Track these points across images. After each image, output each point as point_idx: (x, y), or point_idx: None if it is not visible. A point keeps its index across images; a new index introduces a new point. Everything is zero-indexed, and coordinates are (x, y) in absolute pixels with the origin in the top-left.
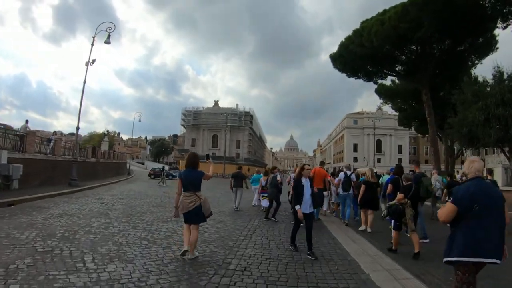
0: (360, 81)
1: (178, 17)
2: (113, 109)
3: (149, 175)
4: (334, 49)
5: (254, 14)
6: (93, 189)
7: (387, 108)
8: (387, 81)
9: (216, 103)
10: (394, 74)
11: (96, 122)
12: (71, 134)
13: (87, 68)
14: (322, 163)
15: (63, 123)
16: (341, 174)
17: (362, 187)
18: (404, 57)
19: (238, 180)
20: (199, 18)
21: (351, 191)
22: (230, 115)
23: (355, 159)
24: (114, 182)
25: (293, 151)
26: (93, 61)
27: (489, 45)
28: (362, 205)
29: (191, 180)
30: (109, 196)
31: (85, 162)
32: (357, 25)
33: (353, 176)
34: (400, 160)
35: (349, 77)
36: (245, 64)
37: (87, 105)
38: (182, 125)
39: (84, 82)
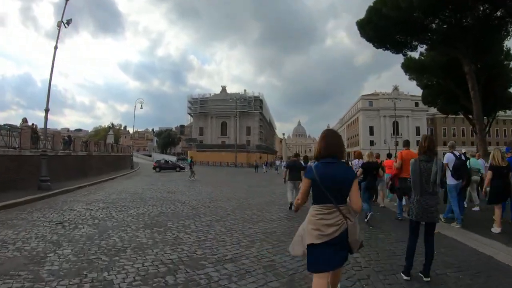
0: (365, 64)
1: (181, 6)
2: (119, 103)
3: (154, 168)
4: (340, 33)
5: (257, 0)
6: (71, 192)
7: (403, 88)
8: (415, 55)
9: (224, 89)
10: (429, 42)
11: (103, 117)
12: (78, 130)
13: (59, 30)
14: (408, 143)
15: (70, 120)
16: (449, 156)
17: (489, 173)
18: (442, 23)
19: (295, 172)
20: (203, 6)
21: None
22: (238, 101)
23: (372, 143)
24: (110, 179)
25: (301, 137)
26: (68, 21)
27: None
28: (494, 199)
29: (339, 184)
30: (84, 205)
31: (70, 157)
32: (362, 8)
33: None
34: (417, 142)
35: (377, 48)
36: (250, 51)
37: (93, 100)
38: (189, 114)
39: (55, 47)
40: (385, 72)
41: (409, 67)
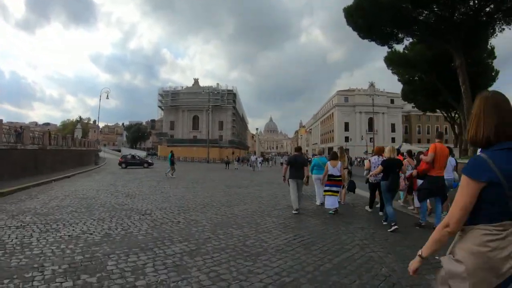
0: (339, 62)
1: None
2: (90, 96)
3: (120, 164)
4: (315, 31)
5: None
6: (5, 196)
7: (377, 86)
8: (399, 48)
9: (196, 81)
10: (418, 34)
11: (73, 110)
12: (46, 124)
13: None
14: (441, 135)
15: (39, 113)
16: None
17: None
18: (433, 15)
19: (298, 168)
20: None
21: None
22: (211, 94)
23: (347, 139)
24: (65, 177)
25: (273, 133)
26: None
27: None
28: None
29: None
30: (4, 218)
31: (16, 151)
32: (337, 6)
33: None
34: (393, 139)
35: (363, 38)
36: (225, 46)
37: (62, 93)
38: (160, 107)
39: None
40: (358, 70)
41: (393, 61)
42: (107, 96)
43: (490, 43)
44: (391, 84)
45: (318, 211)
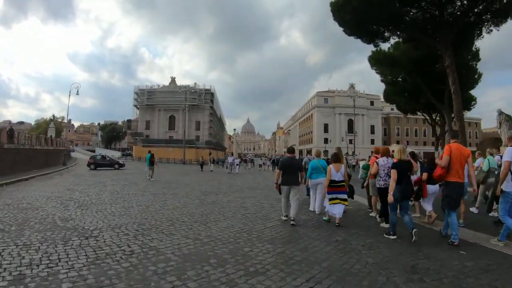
0: (317, 64)
1: None
2: (66, 95)
3: (88, 165)
4: (294, 33)
5: None
6: None
7: (359, 87)
8: (384, 47)
9: (173, 80)
10: (407, 32)
11: (49, 109)
12: (20, 123)
13: None
14: (457, 135)
15: (13, 111)
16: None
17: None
18: (424, 13)
19: (293, 172)
20: None
21: None
22: (188, 93)
23: (326, 140)
24: (17, 180)
25: (250, 135)
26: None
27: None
28: None
29: None
30: None
31: None
32: (318, 9)
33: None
34: (373, 141)
35: (349, 35)
36: (204, 46)
37: (39, 91)
38: (135, 106)
39: None
40: (336, 73)
41: (378, 60)
42: (77, 91)
43: (475, 45)
44: (369, 86)
45: (320, 224)
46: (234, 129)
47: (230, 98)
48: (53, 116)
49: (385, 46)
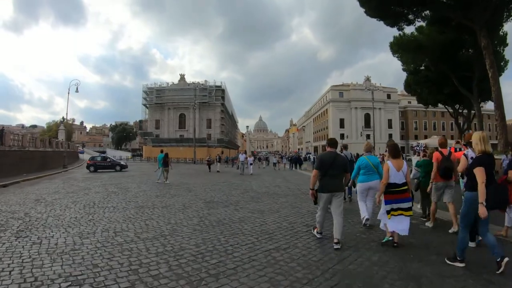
0: (329, 61)
1: None
2: (79, 98)
3: (88, 167)
4: (304, 30)
5: None
6: None
7: (374, 79)
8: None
9: (182, 77)
10: (434, 11)
11: (62, 112)
12: (33, 127)
13: None
14: None
15: (27, 116)
16: None
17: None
18: None
19: (336, 174)
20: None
21: None
22: (198, 91)
23: (342, 136)
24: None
25: (263, 132)
26: None
27: None
28: None
29: None
30: None
31: None
32: (328, 6)
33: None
34: (390, 136)
35: (371, 16)
36: (214, 46)
37: (52, 95)
38: (144, 105)
39: None
40: (348, 69)
41: (401, 45)
42: (77, 89)
43: (503, 29)
44: (383, 81)
45: (375, 246)
46: (247, 126)
47: (241, 98)
48: (63, 118)
49: (408, 31)
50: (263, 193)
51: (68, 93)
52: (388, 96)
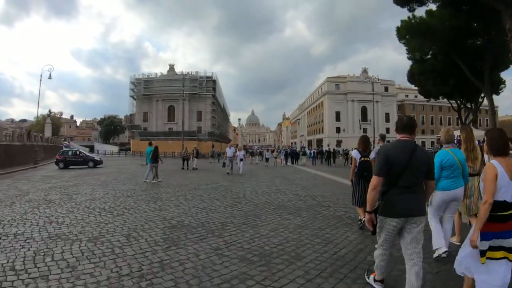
0: (322, 55)
1: None
2: (70, 92)
3: (57, 163)
4: (299, 24)
5: None
6: None
7: (372, 72)
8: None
9: (172, 67)
10: None
11: (54, 106)
12: (23, 121)
13: None
14: None
15: (18, 110)
16: None
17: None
18: None
19: (415, 184)
20: None
21: None
22: (189, 81)
23: (338, 129)
24: None
25: (255, 126)
26: None
27: None
28: None
29: None
30: None
31: None
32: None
33: None
34: (387, 130)
35: None
36: (208, 39)
37: (43, 89)
38: (132, 96)
39: None
40: (341, 64)
41: (410, 29)
42: (50, 75)
43: None
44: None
45: None
46: (239, 119)
47: (234, 91)
48: (50, 111)
49: (417, 14)
50: (262, 205)
51: (40, 80)
52: (386, 89)
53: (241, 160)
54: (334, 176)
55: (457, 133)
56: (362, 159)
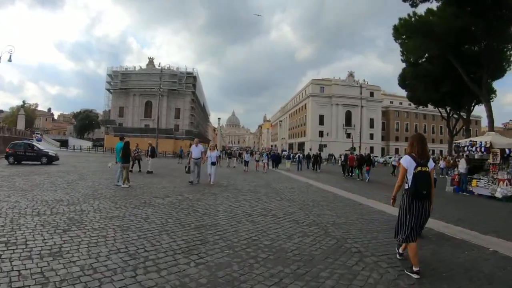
0: (306, 60)
1: None
2: (51, 84)
3: (6, 157)
4: (285, 27)
5: None
6: None
7: (360, 74)
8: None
9: (151, 61)
10: None
11: (33, 98)
12: (0, 112)
13: None
14: None
15: None
16: None
17: None
18: None
19: None
20: None
21: None
22: (168, 76)
23: (321, 133)
24: None
25: (235, 128)
26: None
27: None
28: None
29: None
30: None
31: None
32: (311, 5)
33: None
34: (372, 136)
35: None
36: (193, 38)
37: (23, 80)
38: (108, 90)
39: None
40: (324, 69)
41: (409, 27)
42: (10, 57)
43: None
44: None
45: None
46: (219, 119)
47: (217, 91)
48: (24, 102)
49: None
50: (243, 249)
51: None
52: (371, 94)
53: (214, 164)
54: (330, 187)
55: (482, 139)
56: (419, 169)
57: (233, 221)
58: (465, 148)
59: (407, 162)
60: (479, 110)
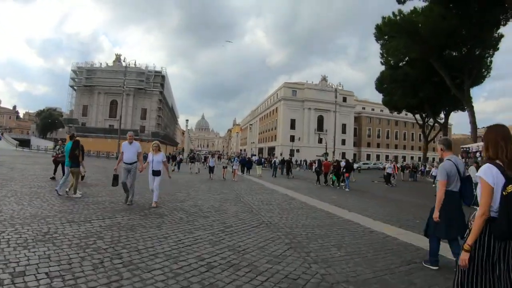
0: (278, 65)
1: None
2: (18, 81)
3: None
4: (258, 32)
5: None
6: None
7: (331, 80)
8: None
9: (118, 58)
10: None
11: None
12: None
13: None
14: None
15: None
16: None
17: None
18: None
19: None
20: None
21: None
22: (135, 74)
23: (292, 138)
24: None
25: (204, 131)
26: None
27: None
28: None
29: None
30: None
31: None
32: (287, 11)
33: None
34: (344, 141)
35: None
36: (166, 39)
37: None
38: (71, 86)
39: None
40: (296, 75)
41: (393, 26)
42: None
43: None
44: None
45: None
46: (187, 120)
47: (188, 94)
48: None
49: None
50: None
51: None
52: (344, 99)
53: (157, 174)
54: (316, 200)
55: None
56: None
57: (176, 287)
58: (476, 154)
59: (493, 175)
60: (450, 117)
